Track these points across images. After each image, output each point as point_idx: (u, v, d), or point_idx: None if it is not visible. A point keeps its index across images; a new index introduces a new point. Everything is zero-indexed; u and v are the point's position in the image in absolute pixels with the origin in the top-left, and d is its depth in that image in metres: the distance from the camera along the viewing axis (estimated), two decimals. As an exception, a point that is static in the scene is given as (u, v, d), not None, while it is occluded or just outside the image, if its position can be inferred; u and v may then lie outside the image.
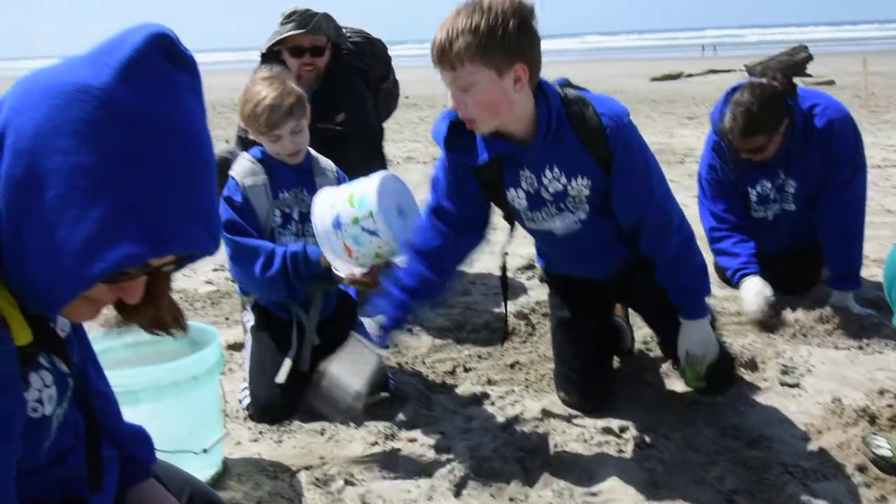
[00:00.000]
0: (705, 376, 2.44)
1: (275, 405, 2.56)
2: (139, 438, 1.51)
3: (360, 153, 3.61)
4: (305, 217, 2.70)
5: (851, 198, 3.35)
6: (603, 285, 2.65)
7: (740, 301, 3.26)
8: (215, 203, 1.08)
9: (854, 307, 3.35)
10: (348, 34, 3.90)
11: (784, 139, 3.24)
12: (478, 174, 2.33)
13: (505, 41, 1.99)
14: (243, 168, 2.71)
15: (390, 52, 4.13)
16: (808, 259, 3.58)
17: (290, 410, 2.57)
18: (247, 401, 2.63)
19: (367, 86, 3.87)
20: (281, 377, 2.57)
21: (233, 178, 2.69)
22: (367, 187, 2.44)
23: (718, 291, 3.51)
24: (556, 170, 2.28)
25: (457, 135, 2.23)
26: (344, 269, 2.53)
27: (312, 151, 2.81)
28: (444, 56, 2.03)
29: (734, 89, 3.30)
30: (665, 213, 2.39)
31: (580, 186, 2.30)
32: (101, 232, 0.95)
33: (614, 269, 2.58)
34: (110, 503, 1.35)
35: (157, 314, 1.22)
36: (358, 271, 2.52)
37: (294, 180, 2.74)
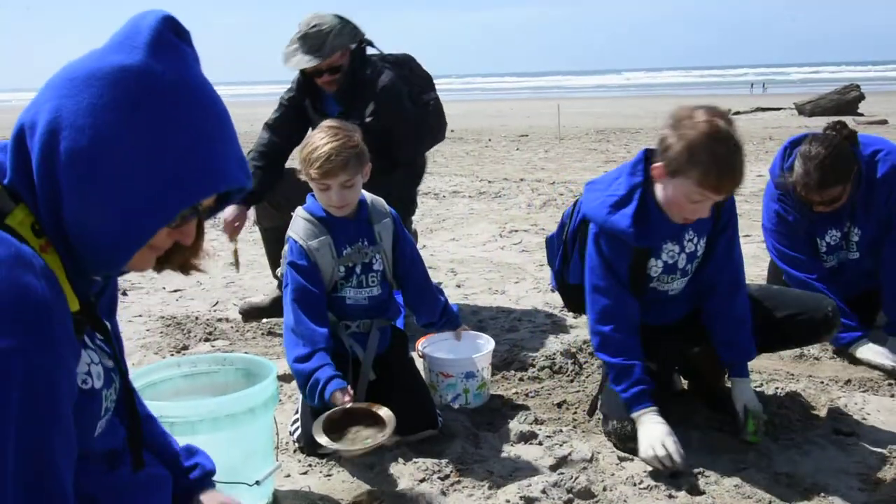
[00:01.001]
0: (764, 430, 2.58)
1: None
2: (195, 451, 1.66)
3: (393, 148, 3.62)
4: (367, 267, 2.74)
5: None
6: (668, 328, 2.78)
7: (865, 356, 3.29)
8: (241, 149, 1.28)
9: None
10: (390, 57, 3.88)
11: (853, 187, 3.22)
12: (633, 252, 2.59)
13: None
14: (305, 229, 2.69)
15: (436, 86, 4.14)
16: (864, 304, 3.53)
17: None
18: (298, 433, 2.66)
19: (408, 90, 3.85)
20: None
21: (295, 242, 2.69)
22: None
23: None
24: (690, 232, 2.63)
25: (638, 223, 2.50)
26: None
27: (366, 194, 2.81)
28: None
29: (793, 143, 3.31)
30: (741, 269, 2.72)
31: (702, 245, 2.65)
32: (169, 178, 1.14)
33: (681, 315, 2.81)
34: None
35: (193, 256, 1.38)
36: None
37: (354, 234, 2.74)
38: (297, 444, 2.66)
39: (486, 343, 3.09)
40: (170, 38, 1.17)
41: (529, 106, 26.28)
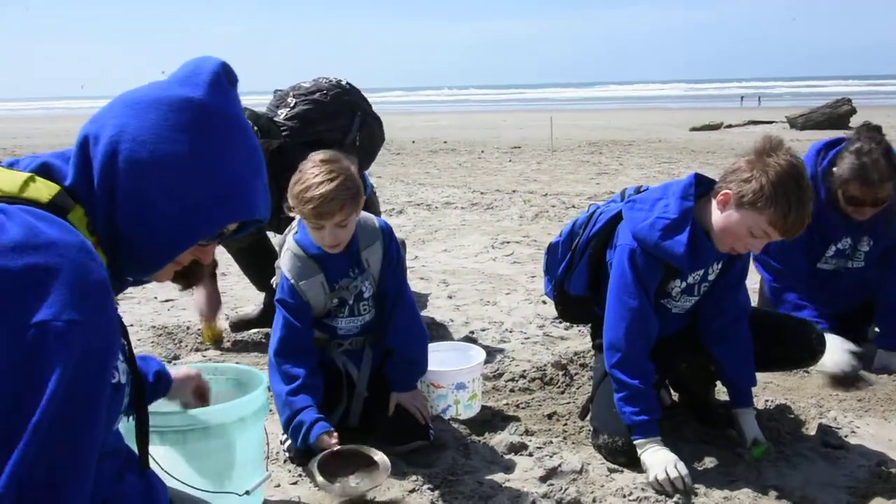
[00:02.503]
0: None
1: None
2: (152, 364, 1.91)
3: None
4: (359, 296, 2.73)
5: None
6: (669, 339, 2.78)
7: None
8: (266, 181, 1.43)
9: None
10: (294, 101, 3.76)
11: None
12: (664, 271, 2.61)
13: None
14: (295, 267, 2.65)
15: (430, 97, 4.10)
16: (856, 317, 3.55)
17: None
18: (288, 443, 2.66)
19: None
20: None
21: (287, 280, 2.66)
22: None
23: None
24: (716, 265, 2.66)
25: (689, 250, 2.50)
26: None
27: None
28: None
29: (828, 144, 3.33)
30: (748, 295, 2.75)
31: (716, 269, 2.67)
32: (213, 198, 1.30)
33: (676, 330, 2.82)
34: None
35: (199, 274, 1.52)
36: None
37: (347, 266, 2.69)
38: (287, 455, 2.66)
39: (478, 354, 3.09)
40: (223, 80, 1.35)
41: (522, 118, 26.34)
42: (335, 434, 2.46)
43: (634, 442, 2.55)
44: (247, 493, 2.12)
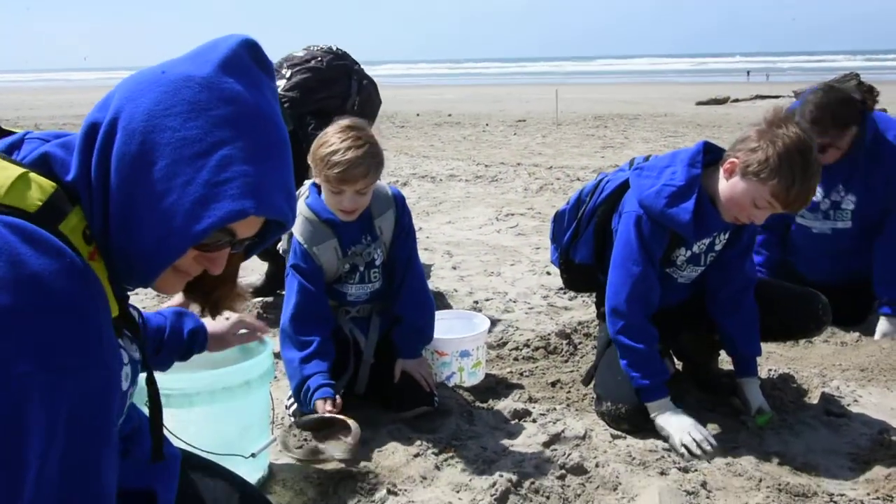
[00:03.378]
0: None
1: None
2: (182, 314, 1.80)
3: None
4: (370, 264, 2.73)
5: None
6: (673, 309, 2.79)
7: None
8: (293, 183, 1.22)
9: None
10: (289, 72, 3.72)
11: (848, 151, 3.22)
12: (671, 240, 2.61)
13: None
14: (308, 231, 2.65)
15: (435, 71, 4.10)
16: (863, 291, 3.56)
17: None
18: (294, 408, 2.68)
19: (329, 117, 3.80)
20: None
21: (300, 244, 2.66)
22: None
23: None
24: (723, 234, 2.66)
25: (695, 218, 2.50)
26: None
27: None
28: None
29: (813, 91, 3.33)
30: (754, 265, 2.77)
31: (722, 240, 2.67)
32: (208, 192, 1.09)
33: (680, 300, 2.83)
34: (174, 494, 1.41)
35: (229, 297, 1.37)
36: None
37: (358, 232, 2.70)
38: (292, 420, 2.68)
39: (482, 322, 3.10)
40: (246, 60, 1.17)
41: (527, 91, 26.18)
42: (331, 402, 2.47)
43: (646, 405, 2.56)
44: (253, 455, 2.15)
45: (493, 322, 3.65)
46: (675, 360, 3.09)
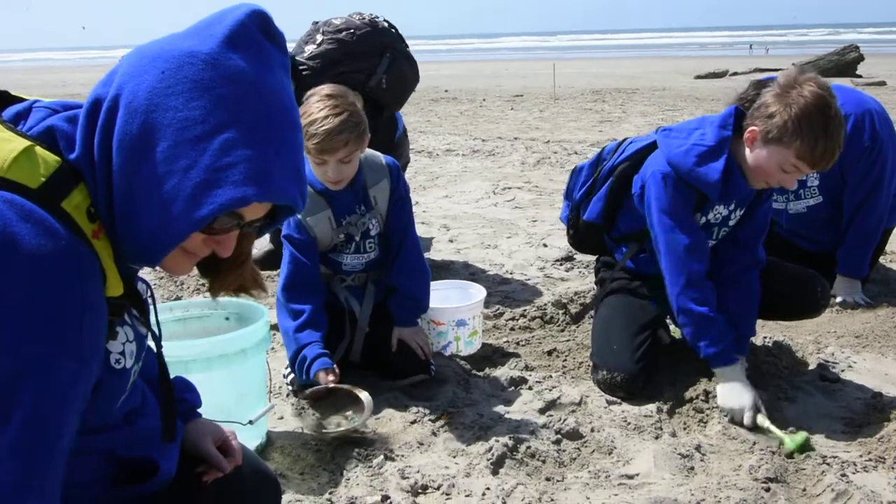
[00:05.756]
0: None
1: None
2: (186, 385, 1.62)
3: None
4: (366, 234, 2.73)
5: (873, 185, 3.43)
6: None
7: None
8: (304, 165, 1.17)
9: (861, 299, 3.48)
10: (320, 39, 3.63)
11: None
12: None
13: None
14: None
15: (431, 47, 4.03)
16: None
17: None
18: (291, 377, 2.69)
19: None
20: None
21: None
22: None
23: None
24: (732, 205, 2.65)
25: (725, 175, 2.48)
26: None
27: (361, 156, 2.64)
28: None
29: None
30: (764, 249, 2.76)
31: (737, 215, 2.68)
32: (210, 178, 1.05)
33: None
34: (175, 465, 1.41)
35: (242, 278, 1.32)
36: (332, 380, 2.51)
37: (352, 203, 2.68)
38: (290, 388, 2.69)
39: (478, 292, 3.11)
40: (254, 33, 1.11)
41: (525, 66, 26.01)
42: (332, 371, 2.50)
43: (713, 370, 2.54)
44: (250, 422, 2.16)
45: (490, 293, 3.66)
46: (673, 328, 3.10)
